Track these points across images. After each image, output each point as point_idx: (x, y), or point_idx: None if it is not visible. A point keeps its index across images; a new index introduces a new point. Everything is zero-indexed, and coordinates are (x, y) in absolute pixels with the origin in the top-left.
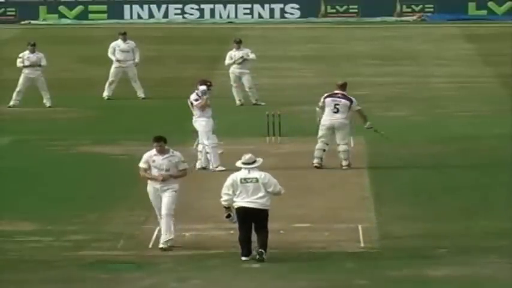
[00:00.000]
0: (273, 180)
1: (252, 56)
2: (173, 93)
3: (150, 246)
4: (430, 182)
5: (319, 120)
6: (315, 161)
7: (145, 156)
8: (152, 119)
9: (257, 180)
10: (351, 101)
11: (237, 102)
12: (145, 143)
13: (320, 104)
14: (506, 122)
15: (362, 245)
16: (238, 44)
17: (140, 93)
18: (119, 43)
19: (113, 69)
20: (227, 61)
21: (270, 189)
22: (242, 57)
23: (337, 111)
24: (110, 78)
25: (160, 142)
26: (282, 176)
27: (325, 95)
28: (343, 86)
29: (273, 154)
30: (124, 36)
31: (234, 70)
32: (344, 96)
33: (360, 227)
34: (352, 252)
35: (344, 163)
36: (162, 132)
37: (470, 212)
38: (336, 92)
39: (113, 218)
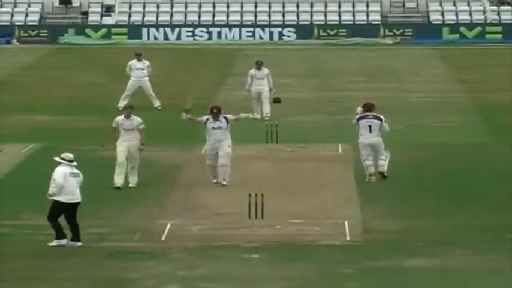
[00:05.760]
0: None
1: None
2: (183, 104)
3: (163, 238)
4: (408, 184)
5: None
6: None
7: None
8: (164, 128)
9: (79, 175)
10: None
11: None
12: (158, 149)
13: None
14: (475, 131)
15: (348, 238)
16: (259, 64)
17: (157, 104)
18: (134, 62)
19: (129, 84)
20: (248, 81)
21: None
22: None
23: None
24: (126, 92)
25: None
26: (279, 178)
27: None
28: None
29: (271, 159)
30: (139, 56)
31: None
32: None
33: (346, 223)
34: (339, 245)
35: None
36: (173, 140)
37: (442, 210)
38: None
39: (130, 214)
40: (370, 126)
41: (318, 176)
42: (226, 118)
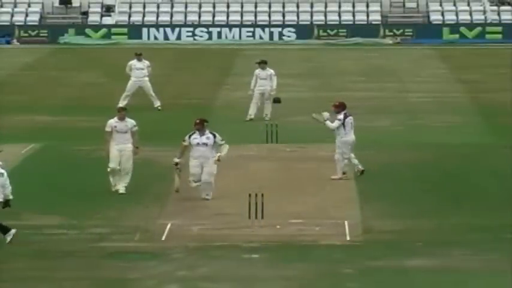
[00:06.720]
0: None
1: (274, 79)
2: (183, 104)
3: (163, 238)
4: (407, 184)
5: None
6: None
7: None
8: (164, 128)
9: (3, 175)
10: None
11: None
12: (156, 148)
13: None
14: (475, 131)
15: (348, 238)
16: (263, 64)
17: (157, 104)
18: (134, 62)
19: (129, 84)
20: (253, 81)
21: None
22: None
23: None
24: (126, 92)
25: None
26: (279, 178)
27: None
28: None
29: (271, 159)
30: (139, 56)
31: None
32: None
33: (346, 223)
34: (339, 245)
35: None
36: (173, 139)
37: (442, 210)
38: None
39: (130, 214)
40: (351, 123)
41: (318, 176)
42: (214, 135)
